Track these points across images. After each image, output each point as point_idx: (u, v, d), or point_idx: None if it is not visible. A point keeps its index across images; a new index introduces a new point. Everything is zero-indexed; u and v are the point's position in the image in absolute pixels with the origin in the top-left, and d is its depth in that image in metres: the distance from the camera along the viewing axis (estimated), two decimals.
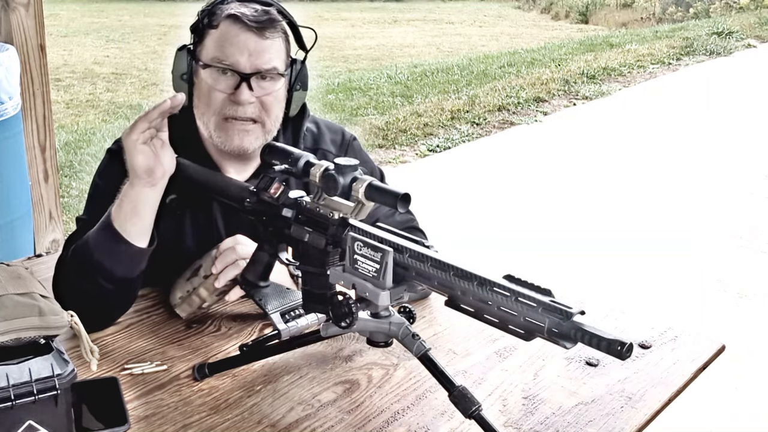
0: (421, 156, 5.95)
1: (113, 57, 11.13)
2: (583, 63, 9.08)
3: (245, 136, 1.41)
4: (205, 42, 1.40)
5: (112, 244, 1.29)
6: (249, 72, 1.38)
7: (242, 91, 1.37)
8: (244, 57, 1.37)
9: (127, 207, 1.29)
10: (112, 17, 15.69)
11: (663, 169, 5.58)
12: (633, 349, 0.83)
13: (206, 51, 1.40)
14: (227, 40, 1.37)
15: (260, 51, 1.38)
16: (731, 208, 4.83)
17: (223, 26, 1.38)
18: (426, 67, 9.38)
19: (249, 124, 1.41)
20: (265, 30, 1.38)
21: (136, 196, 1.28)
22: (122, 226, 1.29)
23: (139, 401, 1.17)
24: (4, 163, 2.53)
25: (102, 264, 1.30)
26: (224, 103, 1.39)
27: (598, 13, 17.17)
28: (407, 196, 1.02)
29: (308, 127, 1.58)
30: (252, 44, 1.37)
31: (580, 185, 5.26)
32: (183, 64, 1.43)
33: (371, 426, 1.12)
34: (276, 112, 1.44)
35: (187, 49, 1.43)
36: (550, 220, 4.60)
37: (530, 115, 7.15)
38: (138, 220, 1.29)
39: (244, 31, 1.37)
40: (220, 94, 1.39)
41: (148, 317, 1.42)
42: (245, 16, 1.37)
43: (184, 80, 1.43)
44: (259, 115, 1.41)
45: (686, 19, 15.21)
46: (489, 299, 0.92)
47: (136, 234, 1.30)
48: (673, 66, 9.45)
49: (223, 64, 1.38)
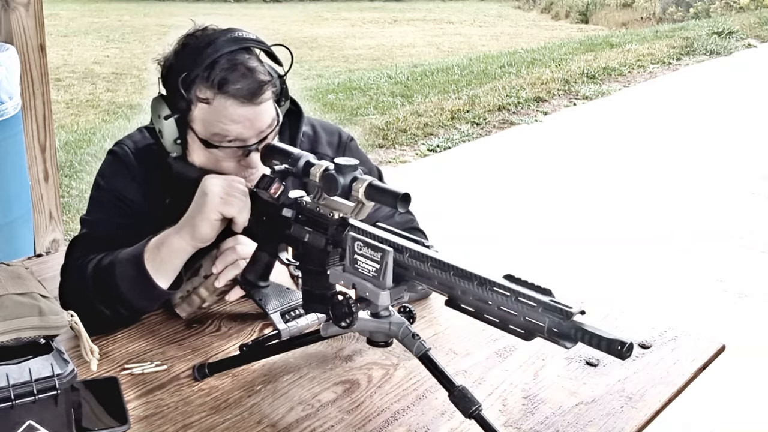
0: (421, 156, 5.95)
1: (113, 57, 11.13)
2: (583, 63, 9.07)
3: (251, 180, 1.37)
4: (195, 113, 1.34)
5: (139, 280, 1.30)
6: (255, 141, 1.35)
7: (253, 158, 1.35)
8: (247, 131, 1.33)
9: (165, 253, 1.30)
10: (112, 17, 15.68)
11: (663, 169, 5.58)
12: (633, 349, 0.83)
13: (201, 125, 1.34)
14: (225, 118, 1.31)
15: (259, 117, 1.33)
16: (731, 208, 4.83)
17: (218, 102, 1.31)
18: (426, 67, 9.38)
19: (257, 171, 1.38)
20: (258, 97, 1.32)
21: (179, 248, 1.30)
22: (154, 267, 1.30)
23: (139, 401, 1.17)
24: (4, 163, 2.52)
25: (125, 296, 1.32)
26: (237, 169, 1.37)
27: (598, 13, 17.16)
28: (407, 196, 1.02)
29: (304, 131, 1.55)
30: (251, 115, 1.32)
31: (580, 185, 5.26)
32: (173, 131, 1.37)
33: (371, 426, 1.12)
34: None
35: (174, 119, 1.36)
36: (550, 220, 4.60)
37: (530, 115, 7.15)
38: (171, 266, 1.31)
39: (242, 106, 1.31)
40: (231, 164, 1.37)
41: (148, 317, 1.42)
42: (238, 91, 1.30)
43: (178, 144, 1.38)
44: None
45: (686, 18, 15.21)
46: (489, 299, 0.92)
47: (166, 278, 1.32)
48: (673, 66, 9.45)
49: (228, 142, 1.34)
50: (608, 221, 4.59)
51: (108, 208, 1.46)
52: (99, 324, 1.33)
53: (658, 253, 4.12)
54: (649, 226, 4.50)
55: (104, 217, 1.46)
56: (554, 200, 4.94)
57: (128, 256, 1.33)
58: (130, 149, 1.48)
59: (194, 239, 1.29)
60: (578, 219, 4.62)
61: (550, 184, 5.27)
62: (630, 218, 4.63)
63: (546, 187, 5.22)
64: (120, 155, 1.48)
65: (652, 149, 6.08)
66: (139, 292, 1.32)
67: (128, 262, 1.32)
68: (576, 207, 4.83)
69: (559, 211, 4.74)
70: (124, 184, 1.45)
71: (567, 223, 4.55)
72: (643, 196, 5.02)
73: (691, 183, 5.29)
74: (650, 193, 5.10)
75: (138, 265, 1.30)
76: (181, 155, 1.40)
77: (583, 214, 4.69)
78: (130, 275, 1.31)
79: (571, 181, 5.35)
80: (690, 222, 4.56)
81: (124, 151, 1.48)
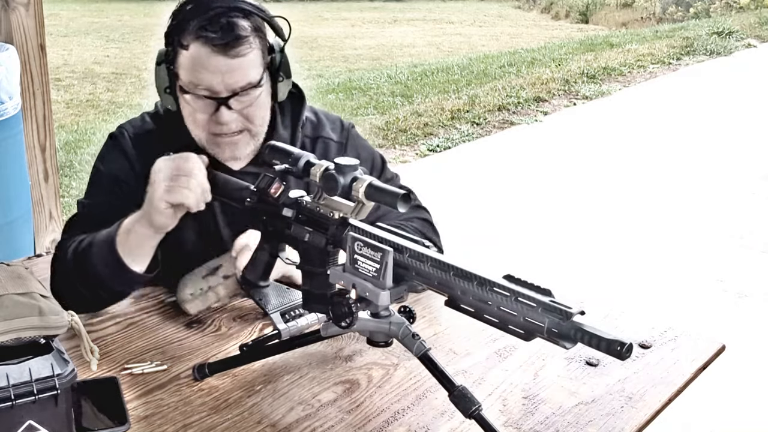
0: (421, 156, 5.95)
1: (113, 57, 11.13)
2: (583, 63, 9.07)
3: (235, 147, 1.43)
4: (179, 60, 1.37)
5: (113, 265, 1.31)
6: (225, 95, 1.36)
7: (222, 114, 1.37)
8: (217, 81, 1.34)
9: (134, 240, 1.31)
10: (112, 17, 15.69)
11: (663, 169, 5.58)
12: (633, 349, 0.83)
13: (182, 72, 1.37)
14: (199, 65, 1.34)
15: (232, 71, 1.35)
16: (731, 208, 4.83)
17: (193, 48, 1.34)
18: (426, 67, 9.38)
19: (236, 136, 1.42)
20: (234, 48, 1.34)
21: (145, 234, 1.31)
22: (125, 252, 1.31)
23: (139, 401, 1.17)
24: (4, 163, 2.52)
25: (102, 278, 1.33)
26: (208, 123, 1.40)
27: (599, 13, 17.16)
28: (407, 196, 1.02)
29: (307, 117, 1.58)
30: (224, 67, 1.34)
31: (580, 185, 5.26)
32: (164, 78, 1.41)
33: (371, 426, 1.12)
34: (260, 115, 1.43)
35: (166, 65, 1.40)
36: (550, 219, 4.60)
37: (530, 115, 7.15)
38: (142, 251, 1.32)
39: (214, 55, 1.33)
40: (203, 116, 1.39)
41: (148, 317, 1.42)
42: (212, 39, 1.32)
43: (169, 93, 1.42)
44: (243, 125, 1.41)
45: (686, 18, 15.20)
46: (489, 299, 0.92)
47: (139, 263, 1.33)
48: (673, 66, 9.45)
49: (199, 90, 1.36)
50: (608, 221, 4.58)
51: (104, 191, 1.49)
52: (82, 305, 1.36)
53: (658, 253, 4.12)
54: (649, 226, 4.50)
55: (100, 200, 1.49)
56: (554, 200, 4.94)
57: (103, 240, 1.34)
58: (129, 134, 1.51)
59: (153, 228, 1.29)
60: (578, 219, 4.62)
61: (550, 184, 5.27)
62: (630, 218, 4.63)
63: (546, 187, 5.22)
64: (119, 140, 1.51)
65: (652, 149, 6.08)
66: (114, 275, 1.32)
67: (104, 244, 1.33)
68: (576, 207, 4.82)
69: (559, 211, 4.74)
70: (121, 169, 1.48)
71: (567, 223, 4.55)
72: (643, 196, 5.02)
73: (691, 183, 5.29)
74: (650, 193, 5.10)
75: (112, 250, 1.31)
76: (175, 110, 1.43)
77: (583, 214, 4.69)
78: (105, 258, 1.32)
79: (571, 181, 5.35)
80: (690, 222, 4.56)
81: (123, 136, 1.51)
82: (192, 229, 1.49)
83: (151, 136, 1.49)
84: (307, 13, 16.67)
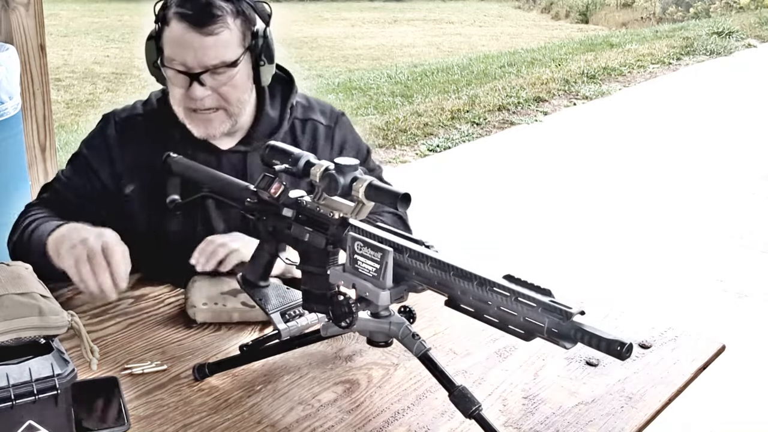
0: (421, 156, 5.95)
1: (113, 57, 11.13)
2: (583, 63, 9.07)
3: (209, 124, 1.48)
4: (164, 36, 1.44)
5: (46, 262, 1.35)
6: (197, 71, 1.41)
7: (194, 89, 1.42)
8: (190, 56, 1.40)
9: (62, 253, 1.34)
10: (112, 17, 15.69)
11: (663, 169, 5.58)
12: (633, 349, 0.83)
13: (165, 47, 1.44)
14: (176, 40, 1.41)
15: (205, 48, 1.40)
16: (731, 208, 4.83)
17: (173, 24, 1.41)
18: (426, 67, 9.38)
19: (210, 113, 1.46)
20: (207, 26, 1.39)
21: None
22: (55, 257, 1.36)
23: (139, 401, 1.17)
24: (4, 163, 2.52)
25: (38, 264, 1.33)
26: (184, 98, 1.45)
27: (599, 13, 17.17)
28: (407, 196, 1.02)
29: (298, 101, 1.62)
30: (196, 43, 1.40)
31: (580, 185, 5.26)
32: (153, 53, 1.48)
33: (371, 426, 1.12)
34: (237, 96, 1.47)
35: (154, 40, 1.47)
36: (550, 219, 4.60)
37: (530, 115, 7.15)
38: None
39: (188, 31, 1.39)
40: (180, 90, 1.45)
41: (148, 317, 1.42)
42: (188, 17, 1.39)
43: (157, 67, 1.48)
44: (219, 104, 1.46)
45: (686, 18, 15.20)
46: (489, 299, 0.92)
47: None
48: (673, 66, 9.45)
49: (175, 65, 1.42)
50: (608, 221, 4.59)
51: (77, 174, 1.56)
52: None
53: (658, 253, 4.12)
54: (649, 226, 4.50)
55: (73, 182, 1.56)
56: (554, 200, 4.94)
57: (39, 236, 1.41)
58: (115, 120, 1.58)
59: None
60: (578, 219, 4.62)
61: (550, 184, 5.27)
62: (630, 218, 4.63)
63: (546, 187, 5.22)
64: (104, 127, 1.57)
65: (652, 149, 6.08)
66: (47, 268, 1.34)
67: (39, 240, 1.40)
68: (576, 207, 4.83)
69: (559, 211, 4.74)
70: (100, 165, 1.54)
71: (567, 223, 4.55)
72: (644, 196, 5.02)
73: (691, 183, 5.29)
74: (650, 193, 5.10)
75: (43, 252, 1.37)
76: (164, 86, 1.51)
77: (583, 214, 4.69)
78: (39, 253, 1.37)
79: (571, 181, 5.35)
80: (690, 222, 4.56)
81: (109, 123, 1.58)
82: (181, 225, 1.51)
83: (137, 122, 1.57)
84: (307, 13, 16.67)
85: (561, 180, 5.37)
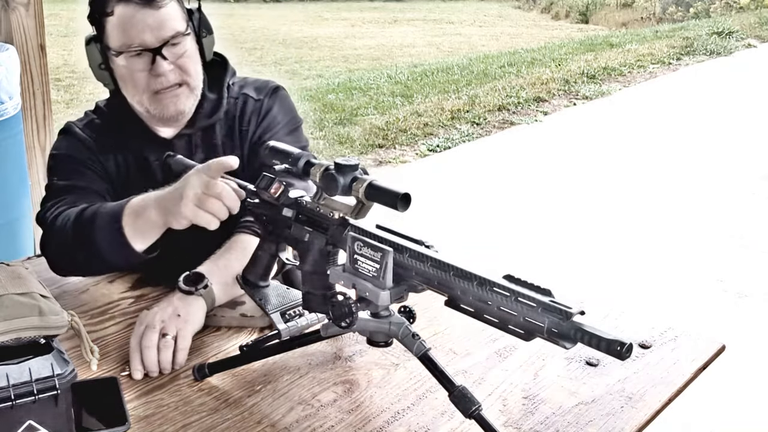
0: (421, 156, 5.95)
1: None
2: (583, 63, 9.08)
3: (177, 100, 1.49)
4: (107, 30, 1.45)
5: (116, 241, 1.32)
6: (158, 45, 1.43)
7: (159, 64, 1.44)
8: (147, 34, 1.42)
9: (141, 224, 1.31)
10: None
11: (663, 169, 5.58)
12: (633, 349, 0.83)
13: (112, 38, 1.44)
14: (127, 24, 1.42)
15: (160, 22, 1.43)
16: (731, 208, 4.83)
17: (117, 11, 1.42)
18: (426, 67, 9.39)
19: (176, 89, 1.48)
20: (155, 1, 1.42)
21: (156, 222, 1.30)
22: (130, 233, 1.31)
23: (139, 401, 1.17)
24: (4, 163, 2.52)
25: (101, 250, 1.34)
26: (148, 80, 1.46)
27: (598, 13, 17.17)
28: (407, 196, 1.02)
29: (235, 81, 1.65)
30: (150, 19, 1.42)
31: (580, 185, 5.26)
32: (96, 56, 1.49)
33: (371, 426, 1.12)
34: (194, 68, 1.51)
35: (95, 41, 1.48)
36: (550, 219, 4.60)
37: (530, 115, 7.15)
38: (148, 235, 1.32)
39: (138, 10, 1.41)
40: (141, 74, 1.46)
41: None
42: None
43: (103, 69, 1.50)
44: (181, 78, 1.48)
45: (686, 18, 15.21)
46: (489, 299, 0.92)
47: (142, 243, 1.33)
48: (673, 66, 9.45)
49: (133, 48, 1.43)
50: (608, 221, 4.59)
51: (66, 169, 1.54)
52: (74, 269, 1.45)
53: (658, 253, 4.12)
54: (649, 226, 4.50)
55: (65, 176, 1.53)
56: (554, 200, 4.94)
57: (109, 214, 1.35)
58: (78, 126, 1.58)
59: (168, 224, 1.29)
60: (578, 219, 4.62)
61: (550, 184, 5.27)
62: (630, 218, 4.63)
63: (546, 187, 5.22)
64: (69, 132, 1.57)
65: (652, 149, 6.08)
66: (114, 251, 1.33)
67: (110, 218, 1.34)
68: (576, 207, 4.83)
69: (559, 211, 4.74)
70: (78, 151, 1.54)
71: (567, 223, 4.55)
72: (643, 196, 5.02)
73: (691, 183, 5.29)
74: (650, 193, 5.10)
75: (117, 228, 1.32)
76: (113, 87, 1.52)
77: (583, 214, 4.69)
78: (108, 233, 1.33)
79: (571, 181, 5.35)
80: (690, 222, 4.56)
81: (72, 128, 1.57)
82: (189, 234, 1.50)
83: (96, 124, 1.58)
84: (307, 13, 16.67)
85: (561, 180, 5.37)
